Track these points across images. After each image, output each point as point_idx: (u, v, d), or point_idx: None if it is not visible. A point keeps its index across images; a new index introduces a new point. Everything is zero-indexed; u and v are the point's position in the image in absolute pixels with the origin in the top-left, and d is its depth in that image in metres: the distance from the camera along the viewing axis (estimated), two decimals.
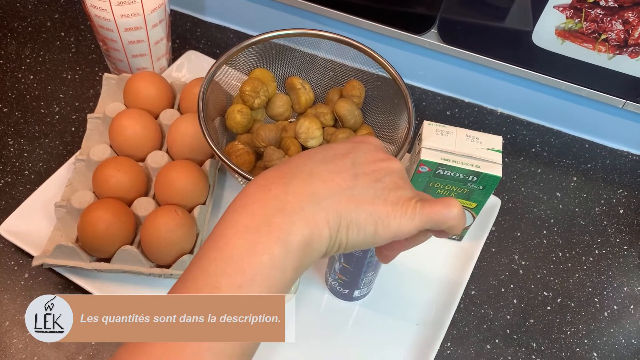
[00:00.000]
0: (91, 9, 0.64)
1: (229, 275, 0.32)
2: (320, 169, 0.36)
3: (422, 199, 0.37)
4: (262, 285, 0.32)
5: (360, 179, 0.36)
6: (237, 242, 0.33)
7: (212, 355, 0.31)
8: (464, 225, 0.36)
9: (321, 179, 0.35)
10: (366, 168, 0.36)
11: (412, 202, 0.36)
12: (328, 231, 0.34)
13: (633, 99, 0.69)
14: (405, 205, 0.35)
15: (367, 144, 0.39)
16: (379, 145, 0.39)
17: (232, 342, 0.32)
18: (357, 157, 0.37)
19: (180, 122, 0.63)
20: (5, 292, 0.58)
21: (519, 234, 0.68)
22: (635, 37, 0.63)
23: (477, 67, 0.74)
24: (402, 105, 0.62)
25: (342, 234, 0.35)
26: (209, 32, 0.84)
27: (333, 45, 0.66)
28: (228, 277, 0.32)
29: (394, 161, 0.38)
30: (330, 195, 0.35)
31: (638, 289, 0.65)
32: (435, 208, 0.36)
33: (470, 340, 0.60)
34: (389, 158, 0.38)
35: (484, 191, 0.56)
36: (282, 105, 0.66)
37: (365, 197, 0.35)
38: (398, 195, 0.36)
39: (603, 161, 0.76)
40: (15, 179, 0.66)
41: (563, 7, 0.63)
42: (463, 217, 0.37)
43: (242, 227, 0.33)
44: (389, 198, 0.35)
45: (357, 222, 0.35)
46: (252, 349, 0.34)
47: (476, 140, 0.56)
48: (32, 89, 0.74)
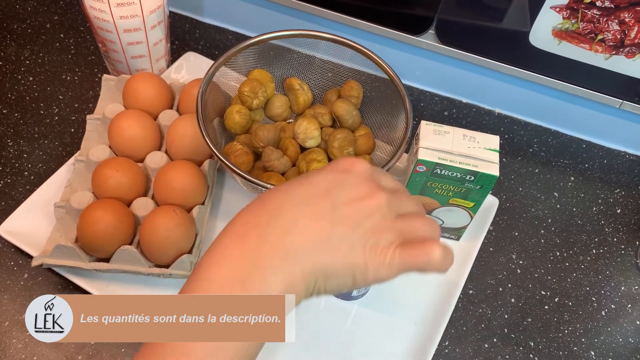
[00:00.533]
0: (90, 11, 0.65)
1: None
2: (297, 215, 0.35)
3: (404, 242, 0.35)
4: (234, 348, 0.33)
5: (339, 226, 0.35)
6: None
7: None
8: (450, 265, 0.35)
9: (297, 230, 0.34)
10: (346, 210, 0.35)
11: (390, 249, 0.35)
12: (304, 285, 0.34)
13: (630, 99, 0.70)
14: (383, 254, 0.35)
15: (352, 174, 0.37)
16: (366, 173, 0.37)
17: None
18: (337, 197, 0.35)
19: (179, 123, 0.63)
20: (5, 292, 0.58)
21: (516, 233, 0.68)
22: (631, 38, 0.64)
23: (474, 68, 0.74)
24: (399, 105, 0.62)
25: (319, 284, 0.35)
26: (207, 33, 0.84)
27: (331, 46, 0.66)
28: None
29: (378, 195, 0.36)
30: (306, 247, 0.34)
31: (635, 288, 0.65)
32: (413, 255, 0.35)
33: (468, 339, 0.60)
34: (373, 192, 0.36)
35: (481, 190, 0.56)
36: (281, 106, 0.67)
37: (343, 247, 0.34)
38: (376, 242, 0.35)
39: (600, 161, 0.76)
40: (15, 179, 0.66)
41: (560, 8, 0.64)
42: (446, 258, 0.35)
43: (216, 285, 0.33)
44: (367, 246, 0.34)
45: (334, 273, 0.35)
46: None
47: (473, 139, 0.56)
48: (32, 91, 0.74)
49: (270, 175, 0.60)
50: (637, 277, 0.66)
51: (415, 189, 0.58)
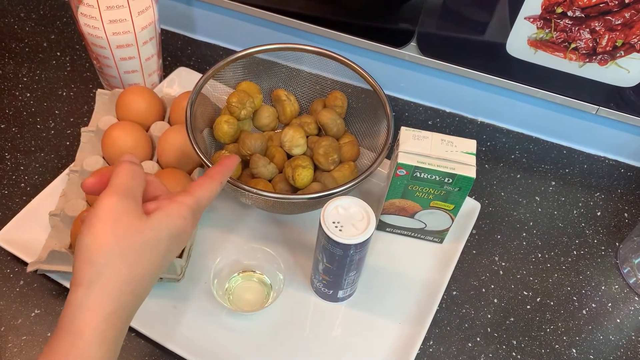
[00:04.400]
0: (84, 27, 0.67)
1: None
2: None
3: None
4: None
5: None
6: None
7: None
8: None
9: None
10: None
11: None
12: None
13: (606, 105, 0.72)
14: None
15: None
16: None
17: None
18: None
19: (169, 133, 0.65)
20: (1, 298, 0.60)
21: (499, 236, 0.70)
22: (602, 46, 0.66)
23: (456, 78, 0.77)
24: (382, 114, 0.65)
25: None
26: (199, 49, 0.87)
27: (315, 59, 0.69)
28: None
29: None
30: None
31: (615, 287, 0.67)
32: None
33: (452, 338, 0.62)
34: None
35: (459, 193, 0.59)
36: (269, 116, 0.69)
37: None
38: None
39: (580, 166, 0.79)
40: (12, 191, 0.68)
41: (533, 18, 0.67)
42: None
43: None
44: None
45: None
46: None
47: (451, 144, 0.58)
48: (29, 106, 0.77)
49: (257, 181, 0.63)
50: (617, 277, 0.68)
51: (397, 193, 0.60)
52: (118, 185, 0.39)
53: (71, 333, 0.37)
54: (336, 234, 0.51)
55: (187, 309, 0.60)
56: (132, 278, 0.39)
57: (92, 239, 0.38)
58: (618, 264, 0.69)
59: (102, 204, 0.38)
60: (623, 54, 0.66)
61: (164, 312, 0.59)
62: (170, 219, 0.40)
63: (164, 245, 0.40)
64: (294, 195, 0.58)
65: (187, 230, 0.42)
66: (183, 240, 0.42)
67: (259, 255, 0.61)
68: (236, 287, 0.61)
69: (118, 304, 0.38)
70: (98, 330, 0.37)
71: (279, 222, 0.67)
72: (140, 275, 0.39)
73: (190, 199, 0.42)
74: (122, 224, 0.38)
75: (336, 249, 0.52)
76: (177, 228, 0.41)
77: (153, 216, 0.40)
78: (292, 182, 0.62)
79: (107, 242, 0.38)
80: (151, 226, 0.39)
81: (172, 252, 0.42)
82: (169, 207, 0.41)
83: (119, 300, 0.38)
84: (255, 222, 0.67)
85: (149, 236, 0.39)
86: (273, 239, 0.66)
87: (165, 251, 0.40)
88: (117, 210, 0.38)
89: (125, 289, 0.38)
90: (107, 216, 0.38)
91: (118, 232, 0.38)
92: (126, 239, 0.38)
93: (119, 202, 0.38)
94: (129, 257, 0.38)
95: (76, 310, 0.37)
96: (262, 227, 0.67)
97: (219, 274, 0.60)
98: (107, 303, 0.37)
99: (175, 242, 0.41)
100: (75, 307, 0.37)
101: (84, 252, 0.38)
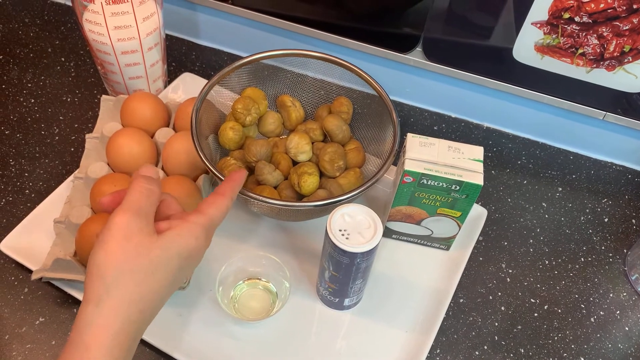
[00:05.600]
0: (89, 34, 0.67)
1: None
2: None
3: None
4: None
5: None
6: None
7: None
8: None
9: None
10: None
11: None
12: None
13: (613, 110, 0.72)
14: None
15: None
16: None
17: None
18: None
19: (174, 140, 0.65)
20: (6, 306, 0.60)
21: (505, 243, 0.70)
22: (610, 51, 0.66)
23: (461, 84, 0.77)
24: (388, 120, 0.64)
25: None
26: (203, 55, 0.87)
27: (321, 64, 0.68)
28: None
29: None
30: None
31: (624, 295, 0.67)
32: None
33: (459, 346, 0.61)
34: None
35: (467, 200, 0.58)
36: (274, 122, 0.69)
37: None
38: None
39: (587, 172, 0.78)
40: (16, 197, 0.68)
41: (540, 24, 0.66)
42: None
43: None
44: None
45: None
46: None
47: (458, 150, 0.58)
48: (33, 112, 0.77)
49: (263, 188, 0.62)
50: (625, 284, 0.67)
51: (403, 200, 0.60)
52: (131, 203, 0.40)
53: (80, 349, 0.37)
54: (343, 242, 0.51)
55: (192, 317, 0.59)
56: (140, 296, 0.39)
57: (103, 256, 0.38)
58: (626, 270, 0.68)
59: (114, 220, 0.39)
60: (631, 59, 0.66)
61: (169, 320, 0.59)
62: (181, 238, 0.41)
63: (174, 264, 0.40)
64: (300, 202, 0.57)
65: (200, 249, 0.42)
66: (196, 260, 0.43)
67: (265, 263, 0.60)
68: (241, 295, 0.61)
69: (126, 321, 0.38)
70: (106, 347, 0.37)
71: (284, 230, 0.67)
72: (150, 293, 0.39)
73: (202, 218, 0.42)
74: (133, 242, 0.38)
75: (343, 257, 0.52)
76: (189, 248, 0.41)
77: (164, 235, 0.40)
78: (298, 189, 0.62)
79: (117, 259, 0.38)
80: (161, 245, 0.40)
81: (184, 271, 0.42)
82: (181, 226, 0.41)
83: (127, 318, 0.38)
84: (260, 230, 0.67)
85: (159, 255, 0.39)
86: (278, 246, 0.66)
87: (176, 270, 0.41)
88: (128, 228, 0.38)
89: (134, 307, 0.38)
90: (119, 234, 0.38)
91: (128, 250, 0.38)
92: (136, 258, 0.38)
93: (131, 220, 0.39)
94: (139, 276, 0.38)
95: (85, 326, 0.37)
96: (267, 234, 0.67)
97: (225, 281, 0.59)
98: (115, 320, 0.37)
99: (187, 262, 0.41)
100: (85, 322, 0.37)
101: (95, 268, 0.38)
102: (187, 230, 0.41)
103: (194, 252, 0.42)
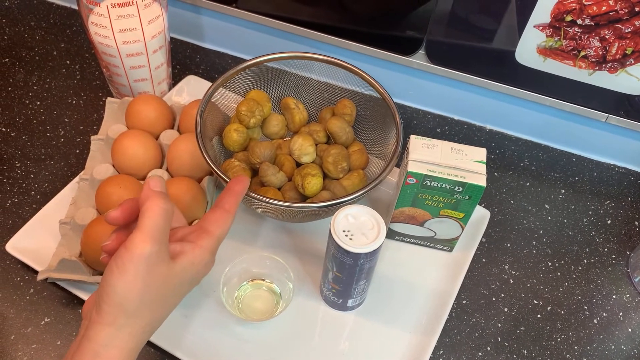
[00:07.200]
0: (95, 37, 0.68)
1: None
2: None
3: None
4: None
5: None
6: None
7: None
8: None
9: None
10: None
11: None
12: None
13: (615, 113, 0.72)
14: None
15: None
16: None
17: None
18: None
19: (179, 141, 0.66)
20: (11, 307, 0.60)
21: (508, 244, 0.70)
22: (612, 54, 0.66)
23: (464, 86, 0.77)
24: (391, 122, 0.65)
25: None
26: (208, 58, 0.88)
27: (325, 67, 0.69)
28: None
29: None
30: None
31: (626, 296, 0.67)
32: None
33: (462, 348, 0.61)
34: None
35: (470, 201, 0.58)
36: (277, 124, 0.69)
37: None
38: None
39: (590, 174, 0.78)
40: (22, 199, 0.69)
41: (542, 26, 0.67)
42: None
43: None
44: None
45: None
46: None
47: (461, 152, 0.58)
48: (39, 114, 0.77)
49: (267, 189, 0.63)
50: (628, 286, 0.67)
51: (406, 201, 0.60)
52: (152, 229, 0.39)
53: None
54: (346, 243, 0.51)
55: (196, 318, 0.60)
56: (155, 320, 0.43)
57: (123, 285, 0.39)
58: (629, 272, 0.68)
59: (137, 248, 0.39)
60: (633, 61, 0.66)
61: (174, 320, 0.59)
62: (194, 267, 0.43)
63: (186, 289, 0.44)
64: (304, 203, 0.58)
65: (207, 272, 0.45)
66: (200, 279, 0.45)
67: (269, 264, 0.61)
68: (245, 295, 0.61)
69: (140, 342, 0.42)
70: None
71: (288, 231, 0.67)
72: (162, 316, 0.43)
73: (212, 242, 0.44)
74: (154, 274, 0.40)
75: (346, 257, 0.52)
76: (199, 275, 0.44)
77: (179, 263, 0.42)
78: (302, 190, 0.62)
79: (139, 290, 0.40)
80: (177, 274, 0.42)
81: (189, 290, 0.45)
82: (194, 253, 0.43)
83: (141, 339, 0.42)
84: (264, 231, 0.67)
85: (175, 284, 0.42)
86: (282, 247, 0.66)
87: (185, 292, 0.44)
88: (150, 259, 0.39)
89: (148, 329, 0.42)
90: (141, 265, 0.39)
91: (149, 282, 0.40)
92: (155, 289, 0.40)
93: (153, 249, 0.39)
94: (155, 304, 0.41)
95: (101, 348, 0.39)
96: (271, 235, 0.67)
97: (229, 282, 0.60)
98: (130, 342, 0.41)
99: (194, 283, 0.45)
100: (100, 344, 0.39)
101: (114, 295, 0.39)
102: (200, 259, 0.43)
103: (202, 275, 0.45)
